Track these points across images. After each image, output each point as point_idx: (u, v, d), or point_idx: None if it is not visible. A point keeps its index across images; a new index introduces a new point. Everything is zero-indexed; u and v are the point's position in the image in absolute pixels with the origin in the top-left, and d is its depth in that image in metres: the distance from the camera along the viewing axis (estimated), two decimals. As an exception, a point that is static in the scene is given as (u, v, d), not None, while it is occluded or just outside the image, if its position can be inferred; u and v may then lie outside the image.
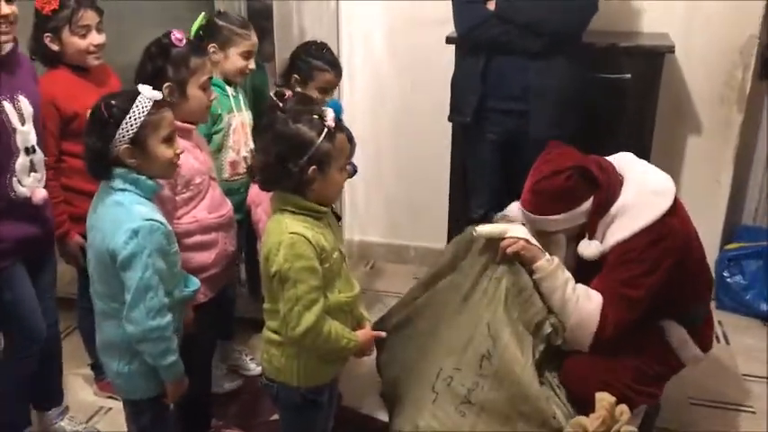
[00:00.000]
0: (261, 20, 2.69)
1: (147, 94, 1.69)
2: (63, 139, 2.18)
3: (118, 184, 1.69)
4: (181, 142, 1.82)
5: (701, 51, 2.90)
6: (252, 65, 2.38)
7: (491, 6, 2.48)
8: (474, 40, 2.54)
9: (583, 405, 1.90)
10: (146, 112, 1.67)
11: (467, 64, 2.61)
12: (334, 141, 1.65)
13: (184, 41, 1.92)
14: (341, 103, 2.51)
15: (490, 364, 1.92)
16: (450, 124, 2.84)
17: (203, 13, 2.02)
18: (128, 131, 1.65)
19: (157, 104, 1.70)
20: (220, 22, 2.32)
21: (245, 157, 2.35)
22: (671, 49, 2.68)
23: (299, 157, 1.62)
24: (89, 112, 1.69)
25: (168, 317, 1.70)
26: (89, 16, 2.16)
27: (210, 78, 2.00)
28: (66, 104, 2.15)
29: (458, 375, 1.96)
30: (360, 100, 3.34)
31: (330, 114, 1.67)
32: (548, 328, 1.97)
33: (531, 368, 1.93)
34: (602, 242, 1.98)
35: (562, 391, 1.99)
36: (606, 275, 1.98)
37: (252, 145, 2.33)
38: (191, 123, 1.99)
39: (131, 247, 1.63)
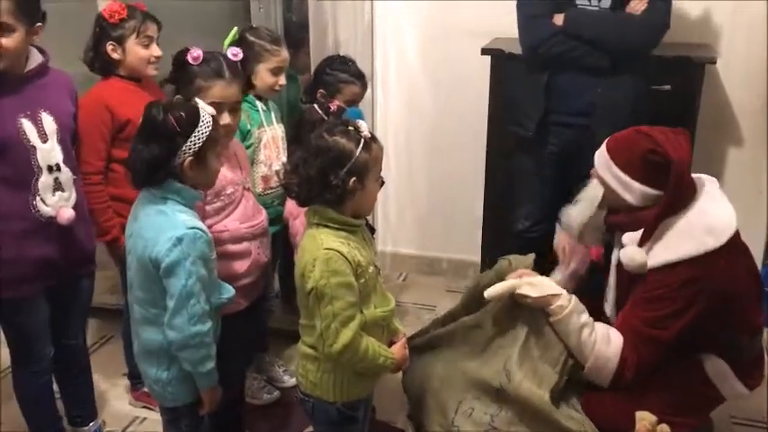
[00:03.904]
0: (296, 31, 2.70)
1: (207, 109, 1.71)
2: (113, 146, 2.20)
3: (161, 192, 1.70)
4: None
5: (743, 62, 2.85)
6: (282, 80, 2.36)
7: (558, 21, 2.44)
8: (541, 56, 2.47)
9: None
10: (210, 127, 1.68)
11: (530, 78, 2.54)
12: (370, 151, 1.66)
13: (201, 60, 1.88)
14: (361, 112, 2.49)
15: (507, 394, 1.90)
16: (485, 136, 2.82)
17: (235, 28, 2.02)
18: (195, 144, 1.67)
19: (214, 119, 1.71)
20: (251, 38, 2.31)
21: (277, 171, 2.34)
22: (712, 60, 2.63)
23: (340, 169, 1.62)
24: (142, 118, 1.68)
25: (209, 323, 1.71)
26: (153, 28, 2.23)
27: (220, 103, 1.87)
28: (120, 111, 2.17)
29: (478, 405, 1.94)
30: (394, 112, 3.34)
31: (363, 125, 1.68)
32: (571, 361, 1.95)
33: (549, 399, 1.89)
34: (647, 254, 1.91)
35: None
36: (633, 312, 1.93)
37: (284, 158, 2.32)
38: None
39: (175, 254, 1.64)
